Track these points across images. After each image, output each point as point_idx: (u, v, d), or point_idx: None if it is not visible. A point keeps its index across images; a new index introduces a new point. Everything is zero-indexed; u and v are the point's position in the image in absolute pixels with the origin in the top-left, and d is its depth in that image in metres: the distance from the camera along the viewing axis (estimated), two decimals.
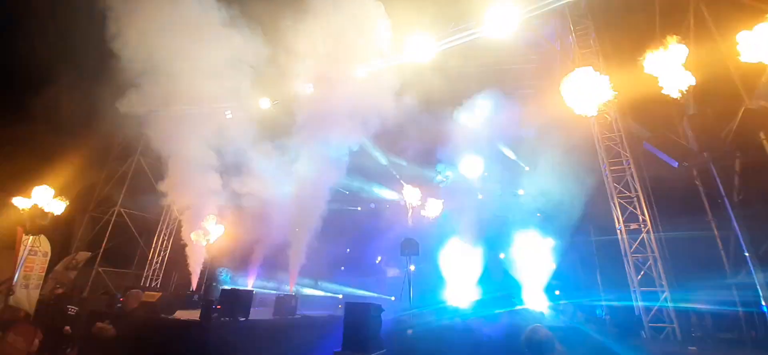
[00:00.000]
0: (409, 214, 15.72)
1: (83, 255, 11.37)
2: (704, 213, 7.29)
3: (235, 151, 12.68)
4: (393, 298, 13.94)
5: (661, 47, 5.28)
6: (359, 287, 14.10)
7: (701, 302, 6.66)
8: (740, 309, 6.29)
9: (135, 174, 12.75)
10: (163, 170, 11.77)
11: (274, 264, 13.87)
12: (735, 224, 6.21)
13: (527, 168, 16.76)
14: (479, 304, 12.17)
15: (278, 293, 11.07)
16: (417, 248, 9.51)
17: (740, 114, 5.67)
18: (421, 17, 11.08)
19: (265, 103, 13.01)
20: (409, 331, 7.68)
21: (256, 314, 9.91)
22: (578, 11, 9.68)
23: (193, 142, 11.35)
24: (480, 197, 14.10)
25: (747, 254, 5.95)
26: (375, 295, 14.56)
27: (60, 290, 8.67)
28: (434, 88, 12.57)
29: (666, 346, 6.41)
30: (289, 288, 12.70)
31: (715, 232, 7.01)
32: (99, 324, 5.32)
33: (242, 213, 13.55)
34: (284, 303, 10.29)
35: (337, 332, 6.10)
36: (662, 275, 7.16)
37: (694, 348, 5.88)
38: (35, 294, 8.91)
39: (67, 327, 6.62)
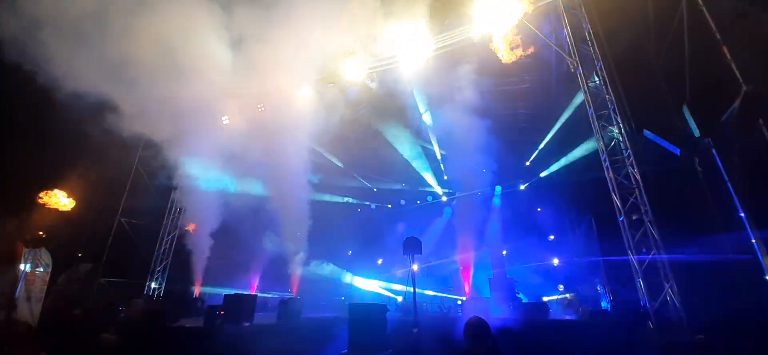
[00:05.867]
0: None
1: (85, 267, 11.33)
2: (707, 201, 7.23)
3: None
4: (400, 299, 13.94)
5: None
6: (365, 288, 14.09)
7: (707, 295, 6.63)
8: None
9: (134, 182, 12.71)
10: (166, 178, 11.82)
11: (277, 268, 13.86)
12: (741, 212, 6.16)
13: (527, 163, 16.78)
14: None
15: (282, 296, 11.04)
16: (420, 246, 9.42)
17: (740, 99, 5.64)
18: (416, 16, 11.03)
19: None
20: (415, 330, 7.64)
21: (260, 318, 9.89)
22: (572, 3, 9.63)
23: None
24: None
25: (754, 241, 5.91)
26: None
27: (77, 312, 8.50)
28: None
29: (673, 335, 6.38)
30: (293, 292, 12.66)
31: (719, 220, 6.97)
32: (104, 335, 5.28)
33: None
34: (288, 306, 10.25)
35: (342, 334, 6.08)
36: (666, 266, 7.14)
37: (701, 336, 5.85)
38: (38, 308, 8.90)
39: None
